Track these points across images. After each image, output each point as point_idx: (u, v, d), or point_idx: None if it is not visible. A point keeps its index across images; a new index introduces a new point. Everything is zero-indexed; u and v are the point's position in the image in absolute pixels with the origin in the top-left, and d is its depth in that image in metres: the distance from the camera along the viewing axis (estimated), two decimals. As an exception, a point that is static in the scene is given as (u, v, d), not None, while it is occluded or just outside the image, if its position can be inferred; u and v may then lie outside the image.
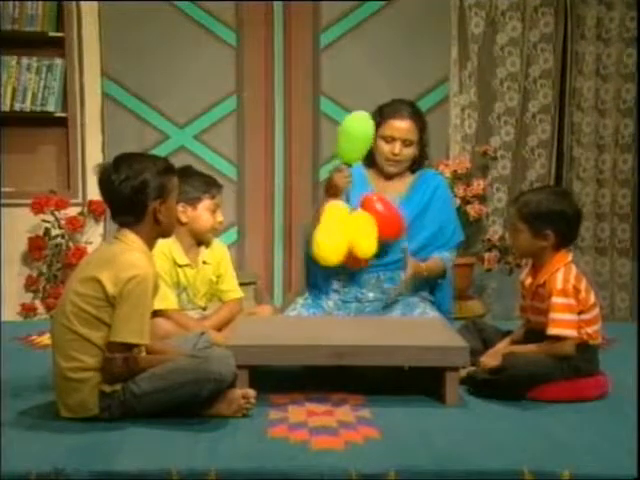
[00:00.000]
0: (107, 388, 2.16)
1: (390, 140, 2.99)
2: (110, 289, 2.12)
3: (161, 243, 2.84)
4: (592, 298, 2.49)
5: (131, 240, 2.21)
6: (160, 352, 2.29)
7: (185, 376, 2.15)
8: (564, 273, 2.46)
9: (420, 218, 3.02)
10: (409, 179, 3.10)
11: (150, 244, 2.25)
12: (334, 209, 2.87)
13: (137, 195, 2.17)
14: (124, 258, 2.16)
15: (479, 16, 4.32)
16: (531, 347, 2.47)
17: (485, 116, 4.38)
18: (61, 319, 2.19)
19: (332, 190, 2.92)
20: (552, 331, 2.41)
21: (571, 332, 2.41)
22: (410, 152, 3.03)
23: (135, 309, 2.13)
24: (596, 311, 2.49)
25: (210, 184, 2.92)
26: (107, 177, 2.20)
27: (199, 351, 2.33)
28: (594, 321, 2.48)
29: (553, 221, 2.46)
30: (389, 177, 3.08)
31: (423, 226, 3.02)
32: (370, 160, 3.08)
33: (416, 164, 3.09)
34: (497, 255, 4.28)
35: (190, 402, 2.18)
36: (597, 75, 4.35)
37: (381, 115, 3.01)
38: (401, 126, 2.99)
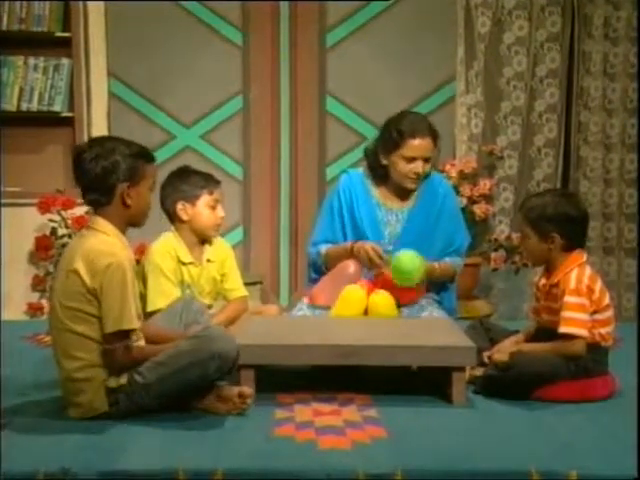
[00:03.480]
0: (113, 383, 2.16)
1: (411, 160, 2.93)
2: (88, 281, 2.12)
3: (165, 242, 2.86)
4: (606, 299, 2.48)
5: (101, 225, 2.20)
6: (162, 339, 2.29)
7: (188, 358, 2.14)
8: (578, 273, 2.45)
9: (430, 230, 2.99)
10: (416, 189, 3.04)
11: (121, 229, 2.24)
12: (350, 296, 2.84)
13: (106, 174, 2.18)
14: (96, 246, 2.15)
15: (485, 15, 4.31)
16: (542, 345, 2.47)
17: (492, 115, 4.37)
18: (54, 322, 2.19)
19: (357, 257, 2.89)
20: (563, 329, 2.41)
21: (582, 331, 2.40)
22: (429, 167, 2.98)
23: (118, 296, 2.12)
24: (610, 312, 2.49)
25: (207, 180, 2.93)
26: (79, 155, 2.20)
27: (199, 331, 2.30)
28: (607, 322, 2.47)
29: (558, 223, 2.46)
30: (396, 189, 3.03)
31: (434, 238, 2.99)
32: (381, 176, 3.03)
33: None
34: (503, 255, 4.27)
35: (198, 384, 2.17)
36: (604, 74, 4.33)
37: (400, 134, 2.92)
38: (423, 145, 2.92)
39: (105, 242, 2.17)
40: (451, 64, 4.32)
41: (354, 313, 2.81)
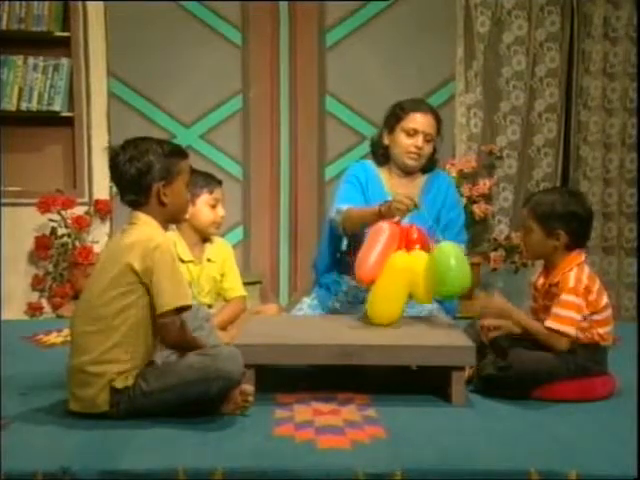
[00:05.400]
0: (119, 384, 2.17)
1: (413, 133, 2.99)
2: (138, 266, 2.15)
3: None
4: (605, 299, 2.48)
5: (143, 220, 2.24)
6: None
7: (194, 374, 2.15)
8: (577, 273, 2.46)
9: (432, 219, 2.95)
10: (421, 181, 3.09)
11: (162, 226, 2.28)
12: (397, 264, 2.59)
13: (141, 175, 2.21)
14: (141, 235, 2.19)
15: (485, 15, 4.31)
16: (532, 323, 2.48)
17: (491, 115, 4.37)
18: (84, 310, 2.21)
19: (387, 215, 2.69)
20: (549, 324, 2.42)
21: (568, 329, 2.41)
22: (429, 148, 3.03)
23: (170, 275, 2.16)
24: (608, 312, 2.49)
25: (208, 179, 2.95)
26: (114, 157, 2.25)
27: (208, 349, 2.32)
28: (606, 322, 2.48)
29: (565, 221, 2.48)
30: (403, 176, 3.06)
31: (437, 227, 2.97)
32: (383, 158, 3.08)
33: (428, 164, 3.08)
34: (503, 254, 4.27)
35: (199, 400, 2.18)
36: (604, 74, 4.33)
37: (402, 108, 3.01)
38: (424, 120, 2.99)
39: (148, 231, 2.21)
40: (450, 64, 4.32)
41: (403, 284, 2.59)
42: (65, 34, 4.19)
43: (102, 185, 4.25)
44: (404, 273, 2.58)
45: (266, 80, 4.35)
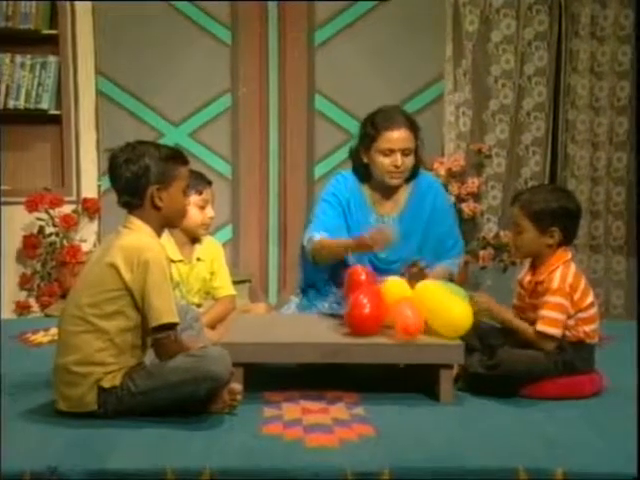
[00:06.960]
0: (107, 384, 2.17)
1: (389, 153, 2.86)
2: (126, 276, 2.16)
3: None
4: (590, 297, 2.49)
5: (136, 225, 2.24)
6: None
7: (182, 375, 2.15)
8: (562, 272, 2.47)
9: (420, 235, 2.95)
10: (406, 191, 2.99)
11: (157, 231, 2.28)
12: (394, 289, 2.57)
13: (136, 178, 2.22)
14: (134, 243, 2.19)
15: (473, 14, 4.31)
16: (522, 325, 2.50)
17: (480, 114, 4.38)
18: (72, 310, 2.20)
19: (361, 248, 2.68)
20: (540, 328, 2.44)
21: (556, 331, 2.43)
22: (410, 161, 2.90)
23: (158, 291, 2.16)
24: (594, 310, 2.50)
25: (197, 180, 2.92)
26: (112, 159, 2.26)
27: (197, 350, 2.32)
28: (591, 320, 2.49)
29: (559, 218, 2.48)
30: (385, 191, 2.97)
31: (425, 242, 2.95)
32: (364, 175, 2.97)
33: (413, 172, 2.97)
34: (492, 253, 4.28)
35: (187, 401, 2.18)
36: (591, 73, 4.35)
37: (375, 128, 2.88)
38: (399, 136, 2.86)
39: (142, 240, 2.21)
40: (439, 62, 4.32)
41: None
42: (53, 32, 4.17)
43: (90, 183, 4.24)
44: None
45: (255, 78, 4.35)
